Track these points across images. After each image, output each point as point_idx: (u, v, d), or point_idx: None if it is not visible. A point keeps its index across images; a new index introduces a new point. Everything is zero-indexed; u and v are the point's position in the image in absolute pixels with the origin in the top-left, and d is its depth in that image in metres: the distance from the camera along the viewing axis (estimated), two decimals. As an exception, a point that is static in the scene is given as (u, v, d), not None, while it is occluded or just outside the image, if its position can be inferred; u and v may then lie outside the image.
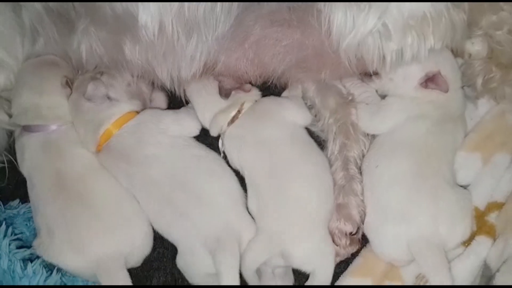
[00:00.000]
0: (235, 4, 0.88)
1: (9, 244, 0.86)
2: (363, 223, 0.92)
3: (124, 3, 0.86)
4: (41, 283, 0.84)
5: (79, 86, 0.97)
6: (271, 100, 0.98)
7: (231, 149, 0.94)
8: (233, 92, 0.97)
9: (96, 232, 0.86)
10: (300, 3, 0.88)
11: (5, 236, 0.88)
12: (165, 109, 1.04)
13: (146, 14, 0.87)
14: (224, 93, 0.97)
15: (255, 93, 0.99)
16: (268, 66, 0.95)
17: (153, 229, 0.92)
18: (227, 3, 0.88)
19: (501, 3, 0.90)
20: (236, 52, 0.94)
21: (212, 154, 0.95)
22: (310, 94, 1.04)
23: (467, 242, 0.88)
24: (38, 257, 0.87)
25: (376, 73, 0.97)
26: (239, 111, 0.96)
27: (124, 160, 0.91)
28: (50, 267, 0.87)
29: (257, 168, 0.91)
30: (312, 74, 0.97)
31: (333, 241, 0.91)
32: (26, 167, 0.94)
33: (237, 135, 0.94)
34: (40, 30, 0.95)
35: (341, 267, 0.93)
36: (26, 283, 0.83)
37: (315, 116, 1.03)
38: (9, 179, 1.01)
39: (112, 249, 0.86)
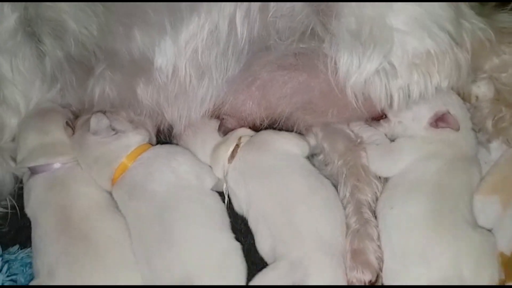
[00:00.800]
0: (245, 50, 0.94)
1: (3, 282, 0.83)
2: (381, 271, 0.87)
3: (141, 49, 0.91)
4: None
5: (82, 124, 0.98)
6: (267, 132, 0.98)
7: (236, 186, 0.92)
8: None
9: (98, 274, 0.83)
10: (306, 50, 0.93)
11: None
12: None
13: (162, 58, 0.92)
14: (223, 130, 0.98)
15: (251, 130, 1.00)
16: (275, 108, 0.97)
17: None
18: (237, 49, 0.92)
19: (503, 47, 0.93)
20: (243, 94, 0.97)
21: (212, 202, 0.92)
22: (318, 139, 1.04)
23: (496, 290, 0.82)
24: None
25: (384, 117, 0.98)
26: (237, 145, 0.95)
27: (128, 193, 0.90)
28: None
29: (265, 199, 0.88)
30: (319, 116, 0.98)
31: None
32: (31, 207, 0.93)
33: (240, 169, 0.93)
34: (58, 77, 0.99)
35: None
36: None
37: (324, 161, 1.02)
38: (11, 225, 0.99)
39: None
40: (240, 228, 0.98)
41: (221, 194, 0.96)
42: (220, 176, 0.96)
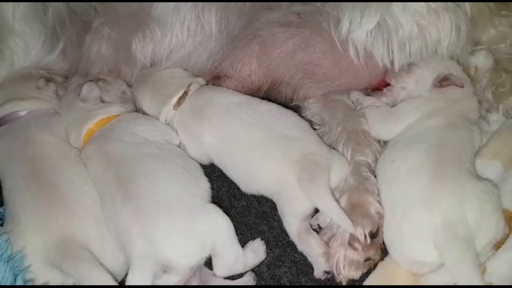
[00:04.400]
0: (247, 6, 0.98)
1: None
2: (381, 226, 0.86)
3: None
4: (2, 259, 0.76)
5: (76, 88, 1.02)
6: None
7: (182, 132, 0.96)
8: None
9: (64, 222, 0.82)
10: (309, 9, 0.98)
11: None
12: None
13: (161, 8, 0.96)
14: None
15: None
16: (276, 67, 1.00)
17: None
18: (239, 4, 0.97)
19: (498, 18, 1.00)
20: (243, 52, 1.00)
21: (167, 154, 0.92)
22: (317, 110, 1.06)
23: (499, 244, 0.81)
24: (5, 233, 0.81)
25: (387, 85, 1.02)
26: (186, 92, 0.99)
27: (87, 156, 0.93)
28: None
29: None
30: (319, 80, 1.01)
31: (351, 246, 0.85)
32: None
33: (186, 114, 0.96)
34: (59, 33, 1.03)
35: (356, 283, 0.86)
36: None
37: (322, 131, 1.04)
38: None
39: (79, 236, 0.81)
40: (234, 192, 0.99)
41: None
42: (162, 120, 0.99)
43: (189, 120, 0.97)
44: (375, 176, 0.92)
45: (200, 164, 0.96)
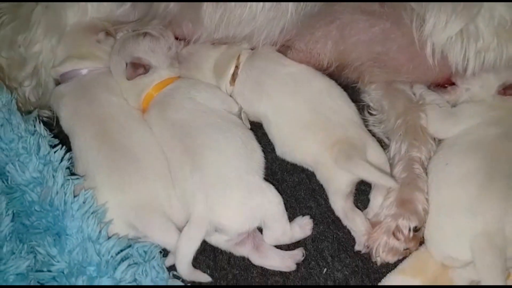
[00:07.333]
0: None
1: (67, 167, 0.91)
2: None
3: None
4: (89, 212, 0.86)
5: (121, 48, 1.06)
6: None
7: (249, 98, 1.04)
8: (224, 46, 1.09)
9: (137, 184, 0.91)
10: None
11: (62, 159, 0.92)
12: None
13: None
14: None
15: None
16: (349, 53, 1.05)
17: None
18: None
19: None
20: (320, 31, 1.04)
21: (227, 124, 0.99)
22: (378, 97, 1.13)
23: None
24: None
25: (452, 84, 1.07)
26: (236, 67, 1.06)
27: (151, 120, 1.01)
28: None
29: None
30: (389, 72, 1.06)
31: (394, 236, 0.95)
32: (65, 119, 1.01)
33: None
34: None
35: (389, 266, 0.96)
36: (76, 208, 0.86)
37: (378, 118, 1.11)
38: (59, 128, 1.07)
39: (151, 196, 0.91)
40: (287, 167, 1.08)
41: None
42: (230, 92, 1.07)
43: (248, 93, 1.05)
44: (426, 174, 1.01)
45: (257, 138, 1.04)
